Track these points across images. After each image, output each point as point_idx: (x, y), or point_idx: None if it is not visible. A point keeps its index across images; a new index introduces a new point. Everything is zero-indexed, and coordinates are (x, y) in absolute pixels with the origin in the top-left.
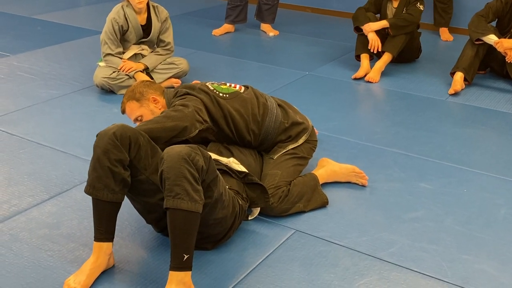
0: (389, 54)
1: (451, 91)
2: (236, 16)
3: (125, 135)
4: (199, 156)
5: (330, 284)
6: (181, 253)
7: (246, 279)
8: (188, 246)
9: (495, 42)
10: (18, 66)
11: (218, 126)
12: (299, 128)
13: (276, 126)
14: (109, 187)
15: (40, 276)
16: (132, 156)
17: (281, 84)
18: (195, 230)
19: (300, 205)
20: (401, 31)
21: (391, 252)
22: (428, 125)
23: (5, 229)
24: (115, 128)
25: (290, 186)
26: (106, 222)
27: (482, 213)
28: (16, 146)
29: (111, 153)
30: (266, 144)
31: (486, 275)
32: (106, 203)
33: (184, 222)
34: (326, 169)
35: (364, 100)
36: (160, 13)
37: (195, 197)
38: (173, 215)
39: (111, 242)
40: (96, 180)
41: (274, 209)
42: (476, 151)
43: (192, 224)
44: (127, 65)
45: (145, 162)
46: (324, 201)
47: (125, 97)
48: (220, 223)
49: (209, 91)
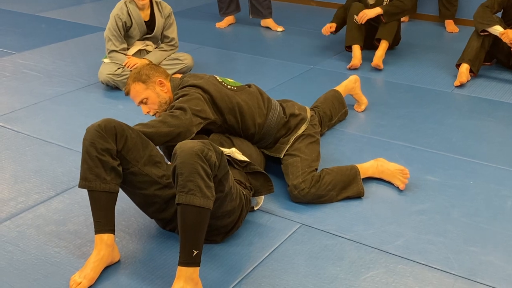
0: (385, 41)
1: (457, 83)
2: (227, 7)
3: (110, 125)
4: (212, 152)
5: (336, 278)
6: (191, 249)
7: (252, 273)
8: (198, 242)
9: (500, 33)
10: (23, 63)
11: (225, 117)
12: (297, 119)
13: (278, 121)
14: (100, 177)
15: (48, 272)
16: (119, 147)
17: (286, 78)
18: (205, 226)
19: (334, 193)
20: (393, 18)
21: (398, 244)
22: (434, 117)
23: (13, 226)
24: (100, 121)
25: (323, 174)
26: (104, 213)
27: (488, 205)
28: (22, 144)
29: (97, 143)
30: (267, 139)
31: (493, 267)
32: (101, 193)
33: (195, 218)
34: (373, 163)
35: (369, 93)
36: (163, 9)
37: (207, 193)
38: (184, 210)
39: (111, 233)
40: (87, 171)
41: (306, 195)
42: (483, 143)
43: (202, 220)
44: (131, 61)
45: (136, 153)
46: (360, 191)
47: (130, 79)
48: (228, 215)
49: (217, 83)
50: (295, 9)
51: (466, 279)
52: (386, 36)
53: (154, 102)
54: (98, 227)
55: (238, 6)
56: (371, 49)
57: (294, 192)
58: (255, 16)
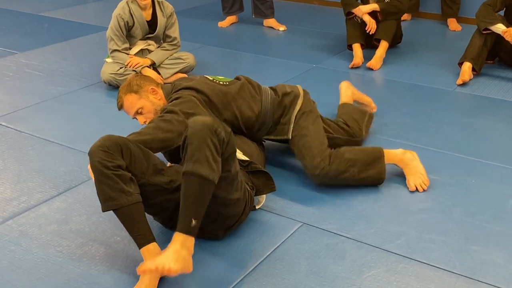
0: (385, 41)
1: (459, 82)
2: (231, 7)
3: (113, 142)
4: (221, 129)
5: (338, 276)
6: (190, 217)
7: (254, 271)
8: (198, 212)
9: (503, 31)
10: (26, 63)
11: (222, 116)
12: (290, 96)
13: (272, 103)
14: (124, 191)
15: (50, 272)
16: (127, 162)
17: (289, 77)
18: (207, 200)
19: (355, 170)
20: (390, 17)
21: (399, 243)
22: (436, 116)
23: (15, 225)
24: (101, 140)
25: (343, 151)
26: (141, 226)
27: (490, 204)
28: (25, 143)
29: (107, 162)
30: (267, 124)
31: (495, 266)
32: (130, 207)
33: (199, 187)
34: (403, 152)
35: (372, 92)
36: (165, 8)
37: (214, 166)
38: (189, 180)
39: (154, 241)
40: (109, 191)
41: (328, 172)
42: (485, 141)
43: (206, 192)
44: (134, 60)
45: (141, 166)
46: (382, 173)
47: (121, 92)
48: (235, 205)
49: (209, 81)
50: (297, 8)
51: (467, 278)
52: (384, 36)
53: (149, 110)
54: (141, 241)
55: (241, 5)
56: (373, 48)
57: (316, 173)
58: (258, 16)
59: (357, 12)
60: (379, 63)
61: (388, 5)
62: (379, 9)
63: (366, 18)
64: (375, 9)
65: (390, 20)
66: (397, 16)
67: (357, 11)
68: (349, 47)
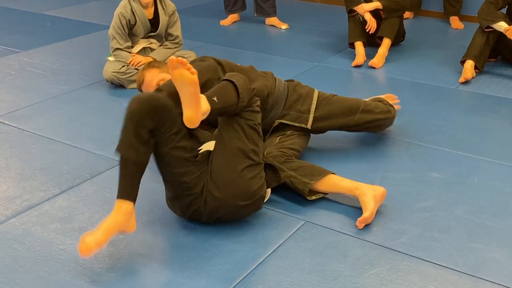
0: (387, 39)
1: (461, 80)
2: (233, 5)
3: (158, 102)
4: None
5: (340, 274)
6: (211, 97)
7: (256, 269)
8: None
9: (505, 29)
10: (28, 62)
11: None
12: (305, 88)
13: (285, 86)
14: (133, 147)
15: (53, 270)
16: (158, 125)
17: (291, 76)
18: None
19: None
20: (393, 15)
21: (402, 241)
22: (439, 114)
23: (18, 223)
24: (147, 94)
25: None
26: (130, 181)
27: (493, 202)
28: (28, 142)
29: (141, 118)
30: (280, 104)
31: (497, 264)
32: (132, 162)
33: (226, 86)
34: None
35: (374, 90)
36: (167, 6)
37: (243, 87)
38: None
39: (132, 202)
40: (125, 139)
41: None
42: (487, 139)
43: (228, 89)
44: (136, 59)
45: (169, 133)
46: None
47: (141, 71)
48: (257, 176)
49: (222, 61)
50: (299, 6)
51: (470, 276)
52: (387, 33)
53: None
54: (119, 193)
55: (244, 4)
56: (375, 46)
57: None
58: (260, 15)
59: (359, 10)
60: (381, 61)
61: (390, 2)
62: (381, 7)
63: (367, 16)
64: (378, 7)
65: (392, 18)
66: (400, 13)
67: (359, 9)
68: (350, 45)
